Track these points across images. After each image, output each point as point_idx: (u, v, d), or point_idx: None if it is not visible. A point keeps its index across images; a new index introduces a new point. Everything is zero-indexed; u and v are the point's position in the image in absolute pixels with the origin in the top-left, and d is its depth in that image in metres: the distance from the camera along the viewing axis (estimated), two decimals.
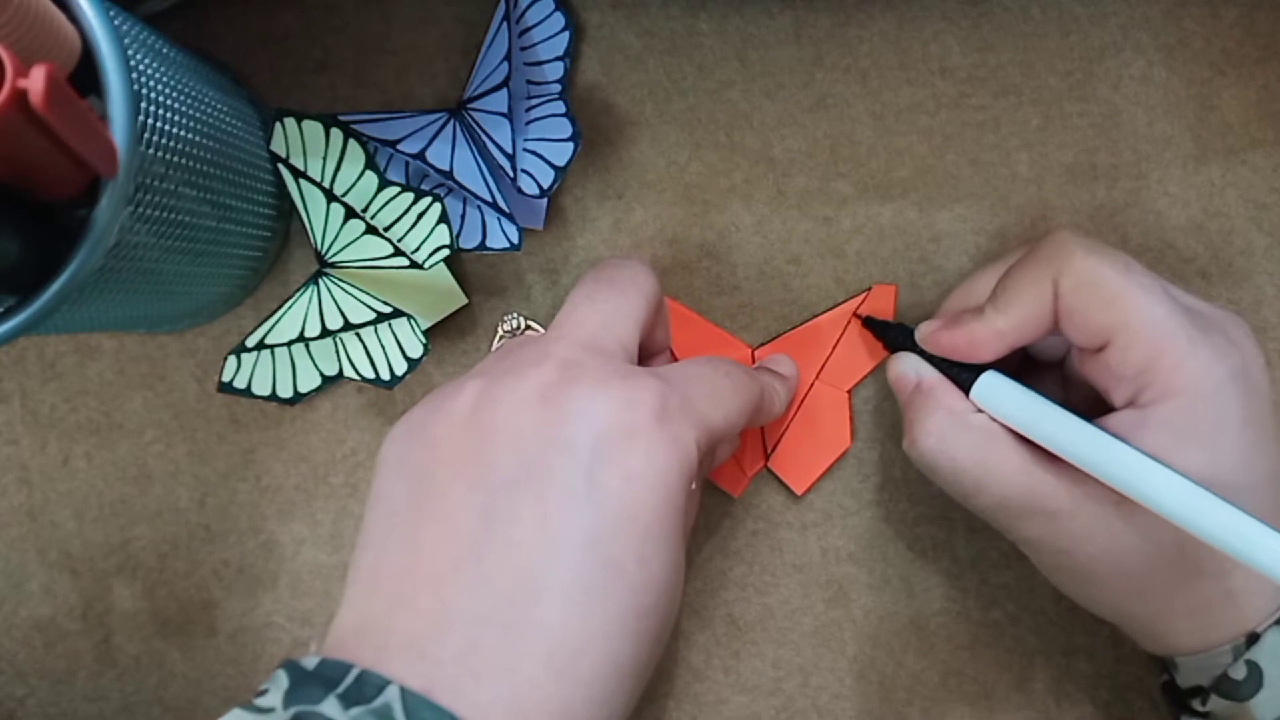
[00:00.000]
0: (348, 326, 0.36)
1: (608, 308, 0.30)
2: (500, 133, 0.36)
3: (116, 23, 0.27)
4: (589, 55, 0.38)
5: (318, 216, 0.36)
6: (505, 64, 0.36)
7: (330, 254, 0.36)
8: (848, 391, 0.37)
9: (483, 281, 0.38)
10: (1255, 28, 0.37)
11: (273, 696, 0.24)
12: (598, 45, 0.38)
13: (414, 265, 0.35)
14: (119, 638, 0.38)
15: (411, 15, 0.38)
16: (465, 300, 0.37)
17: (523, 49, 0.37)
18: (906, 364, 0.33)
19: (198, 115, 0.31)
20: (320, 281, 0.37)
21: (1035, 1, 0.37)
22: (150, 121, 0.28)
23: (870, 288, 0.37)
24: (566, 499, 0.25)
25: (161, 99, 0.29)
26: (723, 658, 0.37)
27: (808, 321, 0.37)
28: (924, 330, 0.33)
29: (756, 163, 0.37)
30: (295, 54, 0.38)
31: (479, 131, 0.36)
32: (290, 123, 0.36)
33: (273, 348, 0.37)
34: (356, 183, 0.36)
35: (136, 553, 0.38)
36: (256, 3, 0.38)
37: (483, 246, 0.36)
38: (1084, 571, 0.30)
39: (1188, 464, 0.27)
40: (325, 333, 0.36)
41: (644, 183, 0.38)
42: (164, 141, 0.28)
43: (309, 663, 0.24)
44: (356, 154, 0.36)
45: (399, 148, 0.36)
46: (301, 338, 0.37)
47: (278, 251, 0.38)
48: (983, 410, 0.31)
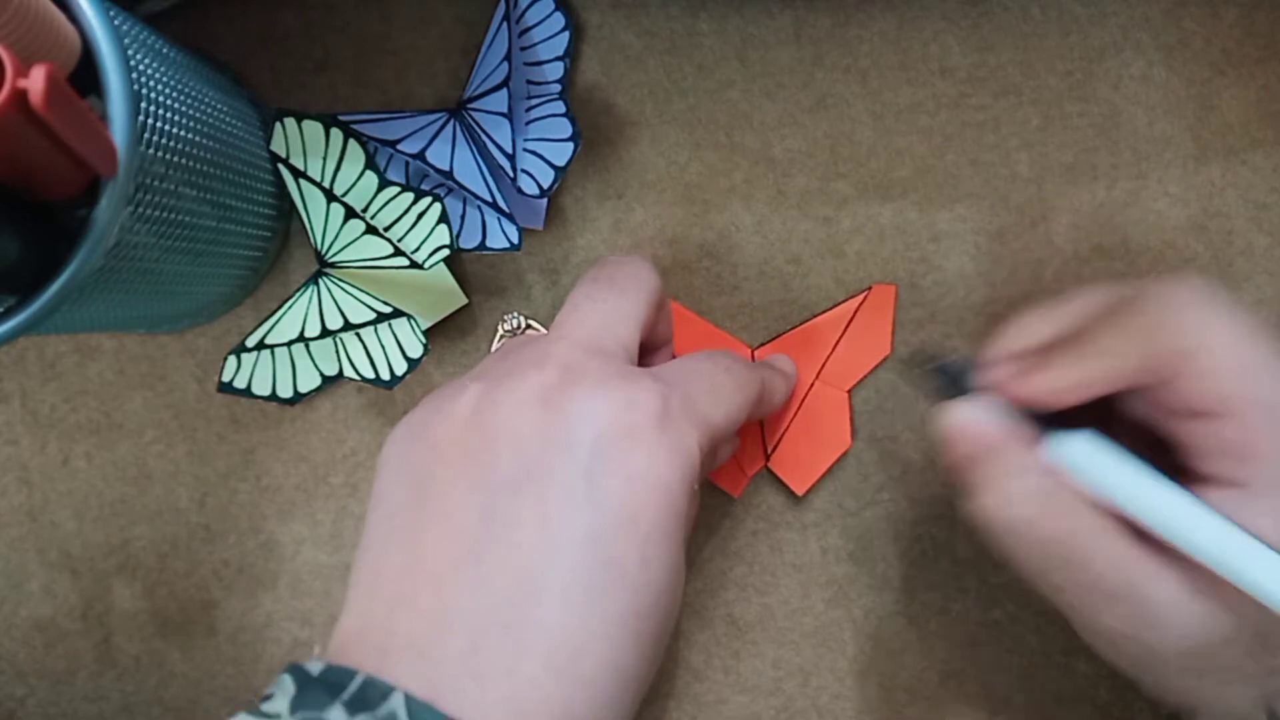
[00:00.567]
0: (348, 326, 0.36)
1: (608, 307, 0.30)
2: (500, 133, 0.36)
3: (116, 23, 0.27)
4: (589, 55, 0.38)
5: (318, 216, 0.36)
6: (505, 64, 0.36)
7: (330, 254, 0.36)
8: (848, 391, 0.37)
9: (483, 281, 0.38)
10: (1255, 28, 0.37)
11: (278, 702, 0.24)
12: (598, 45, 0.38)
13: (414, 265, 0.35)
14: (119, 638, 0.38)
15: (411, 15, 0.38)
16: (465, 300, 0.37)
17: (523, 49, 0.37)
18: (976, 412, 0.28)
19: (198, 115, 0.31)
20: (320, 281, 0.37)
21: (1035, 1, 0.37)
22: (150, 121, 0.28)
23: (870, 288, 0.37)
24: (567, 500, 0.25)
25: (161, 99, 0.29)
26: (723, 658, 0.37)
27: (807, 321, 0.37)
28: (997, 373, 0.28)
29: (756, 163, 0.37)
30: (295, 54, 0.38)
31: (479, 131, 0.36)
32: (290, 123, 0.36)
33: (273, 348, 0.37)
34: (356, 183, 0.36)
35: (136, 553, 0.38)
36: (256, 3, 0.38)
37: (483, 246, 0.36)
38: (1147, 652, 0.27)
39: None
40: (325, 333, 0.36)
41: (644, 183, 0.38)
42: (164, 141, 0.28)
43: (314, 668, 0.24)
44: (356, 154, 0.36)
45: (399, 148, 0.36)
46: (301, 338, 0.37)
47: (278, 251, 0.38)
48: (1073, 476, 0.27)
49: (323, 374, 0.37)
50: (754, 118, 0.37)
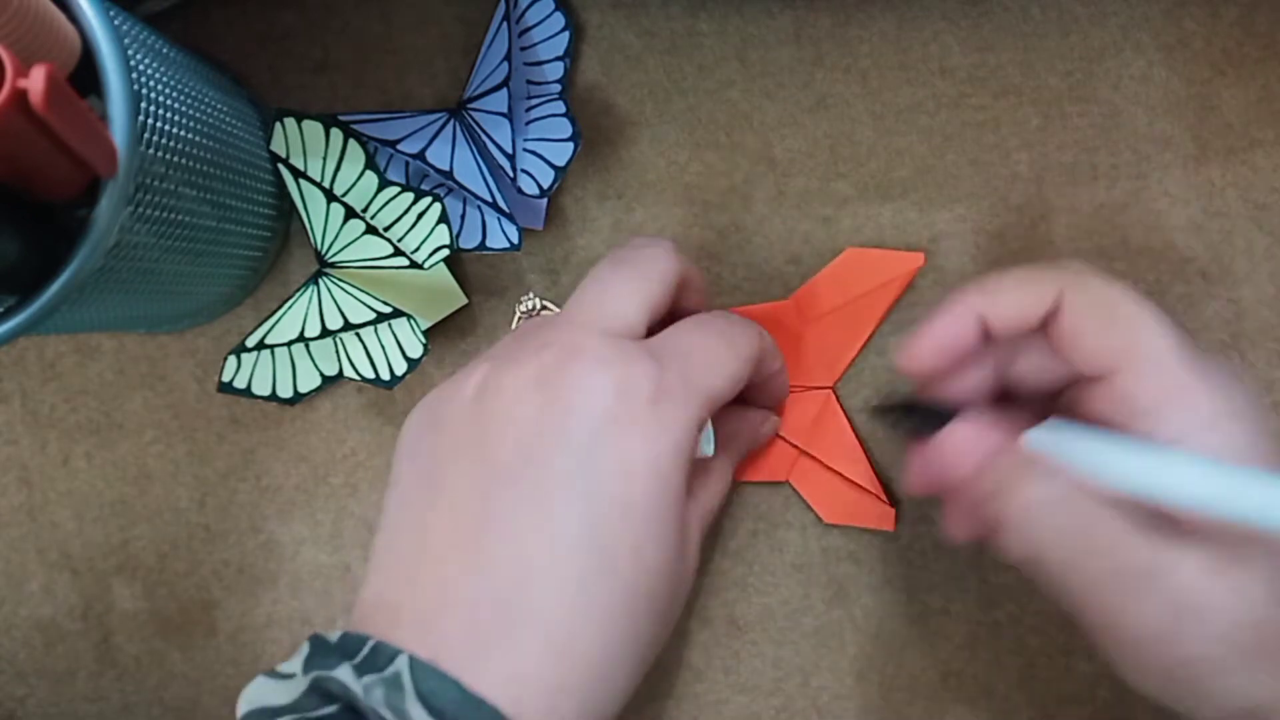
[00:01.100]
0: (348, 326, 0.36)
1: (616, 289, 0.30)
2: (500, 133, 0.36)
3: (116, 23, 0.27)
4: (589, 55, 0.38)
5: (318, 216, 0.36)
6: (505, 64, 0.36)
7: (330, 254, 0.36)
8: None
9: (483, 281, 0.38)
10: (1255, 28, 0.37)
11: (294, 664, 0.26)
12: (598, 45, 0.38)
13: (414, 265, 0.35)
14: (119, 638, 0.38)
15: (411, 15, 0.38)
16: (465, 300, 0.37)
17: (523, 49, 0.37)
18: (963, 434, 0.29)
19: (198, 115, 0.31)
20: (320, 281, 0.37)
21: (1035, 1, 0.37)
22: (150, 121, 0.28)
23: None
24: (561, 489, 0.26)
25: (161, 99, 0.29)
26: (723, 658, 0.37)
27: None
28: (903, 358, 0.29)
29: (756, 163, 0.37)
30: (295, 54, 0.38)
31: (479, 131, 0.36)
32: (290, 123, 0.36)
33: (273, 348, 0.37)
34: (356, 183, 0.36)
35: (136, 553, 0.38)
36: (256, 3, 0.38)
37: (483, 246, 0.36)
38: (1178, 650, 0.25)
39: None
40: (325, 333, 0.36)
41: (644, 183, 0.38)
42: (164, 141, 0.28)
43: (332, 636, 0.26)
44: (356, 154, 0.36)
45: (399, 148, 0.36)
46: (301, 338, 0.37)
47: (278, 251, 0.38)
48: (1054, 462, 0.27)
49: (323, 374, 0.37)
50: (754, 118, 0.37)
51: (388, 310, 0.36)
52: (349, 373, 0.36)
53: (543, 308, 0.37)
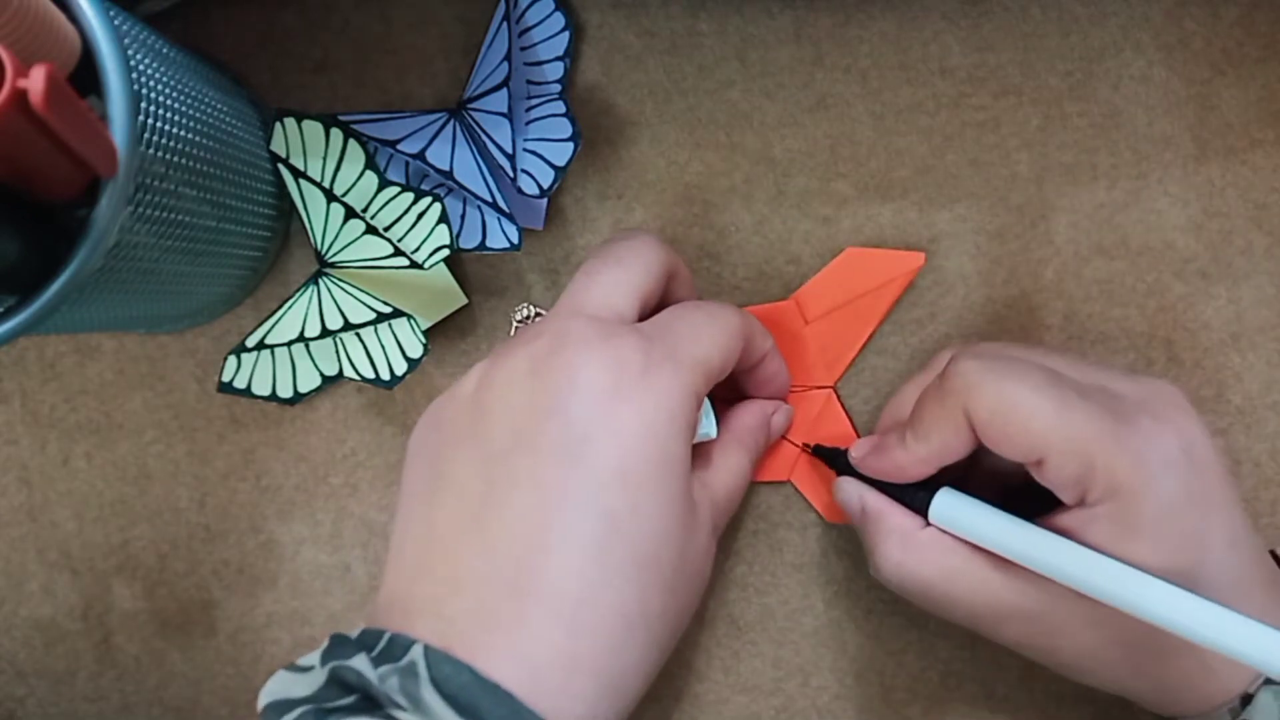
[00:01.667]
0: (348, 326, 0.36)
1: (604, 279, 0.31)
2: (500, 133, 0.36)
3: (116, 23, 0.27)
4: (589, 55, 0.38)
5: (318, 216, 0.36)
6: (505, 64, 0.36)
7: (330, 254, 0.36)
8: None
9: (483, 281, 0.38)
10: (1255, 28, 0.37)
11: (312, 657, 0.27)
12: (598, 45, 0.38)
13: (414, 265, 0.35)
14: (119, 638, 0.38)
15: (411, 15, 0.38)
16: (465, 300, 0.37)
17: (523, 49, 0.37)
18: (849, 490, 0.33)
19: (198, 115, 0.31)
20: (320, 281, 0.37)
21: (1035, 1, 0.37)
22: (150, 121, 0.28)
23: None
24: (559, 461, 0.27)
25: (161, 99, 0.29)
26: (723, 658, 0.37)
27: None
28: (855, 455, 0.33)
29: (756, 163, 0.37)
30: (295, 54, 0.38)
31: (479, 131, 0.36)
32: (290, 123, 0.36)
33: (273, 348, 0.37)
34: (356, 183, 0.36)
35: (136, 553, 0.38)
36: (256, 3, 0.38)
37: (483, 246, 0.36)
38: (1073, 661, 0.30)
39: (1136, 556, 0.27)
40: (325, 333, 0.36)
41: (644, 183, 0.38)
42: (164, 141, 0.28)
43: (351, 633, 0.27)
44: (356, 154, 0.36)
45: (399, 148, 0.36)
46: (301, 338, 0.37)
47: (278, 251, 0.38)
48: (942, 529, 0.30)
49: (323, 374, 0.37)
50: (754, 118, 0.37)
51: (388, 310, 0.36)
52: (349, 373, 0.36)
53: (537, 314, 0.37)
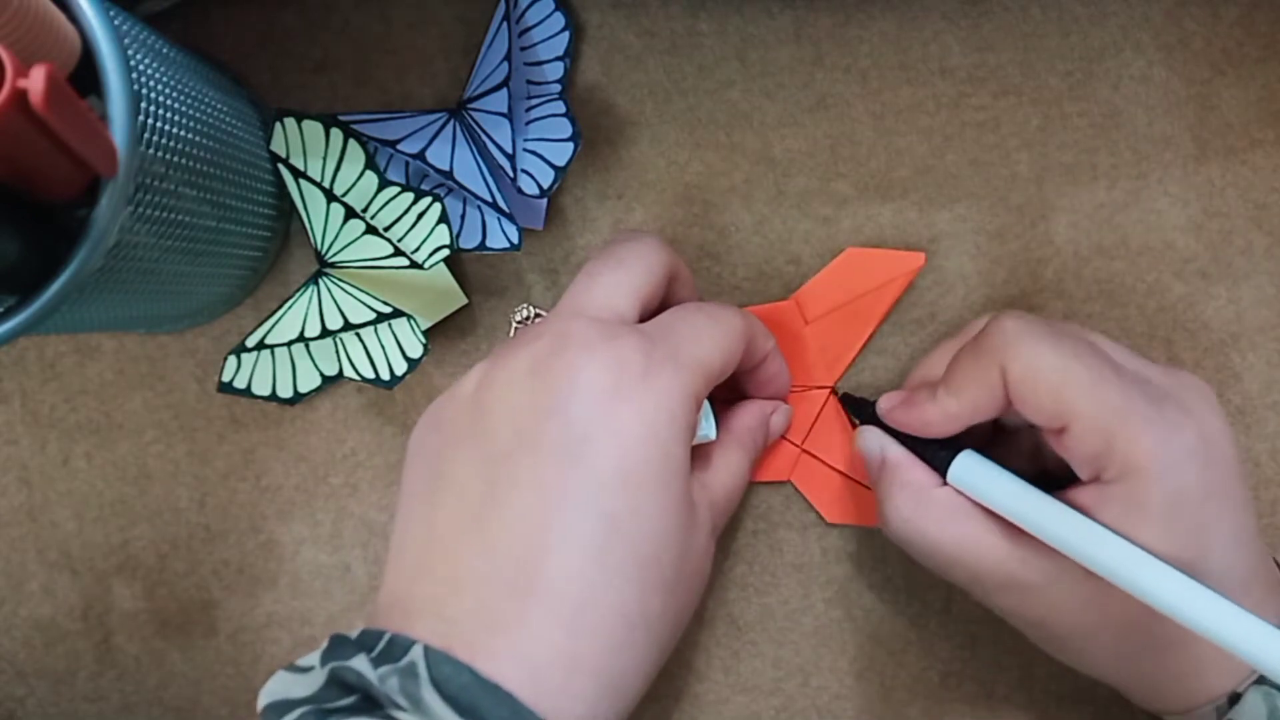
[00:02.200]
0: (348, 326, 0.36)
1: (605, 281, 0.31)
2: (500, 133, 0.36)
3: (116, 23, 0.27)
4: (589, 55, 0.38)
5: (318, 216, 0.36)
6: (505, 64, 0.36)
7: (330, 254, 0.36)
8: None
9: (483, 281, 0.38)
10: (1255, 28, 0.37)
11: (312, 658, 0.27)
12: (598, 45, 0.38)
13: (414, 265, 0.35)
14: (119, 638, 0.38)
15: (411, 15, 0.38)
16: (465, 300, 0.37)
17: (523, 49, 0.37)
18: (871, 440, 0.33)
19: (198, 115, 0.31)
20: (320, 281, 0.37)
21: (1035, 1, 0.37)
22: (150, 121, 0.28)
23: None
24: (560, 462, 0.27)
25: (161, 99, 0.29)
26: (723, 658, 0.37)
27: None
28: (883, 406, 0.33)
29: (756, 163, 0.37)
30: (295, 54, 0.38)
31: (479, 131, 0.36)
32: (290, 123, 0.36)
33: (273, 348, 0.37)
34: (356, 183, 0.36)
35: (136, 553, 0.38)
36: (256, 3, 0.38)
37: (483, 246, 0.36)
38: (1062, 640, 0.30)
39: (1143, 540, 0.27)
40: (325, 333, 0.36)
41: (644, 183, 0.38)
42: (164, 141, 0.28)
43: (351, 633, 0.27)
44: (356, 154, 0.36)
45: (399, 148, 0.36)
46: (301, 338, 0.37)
47: (278, 251, 0.38)
48: (958, 490, 0.31)
49: (323, 374, 0.37)
50: (754, 118, 0.37)
51: (388, 310, 0.36)
52: (349, 373, 0.36)
53: (537, 315, 0.37)
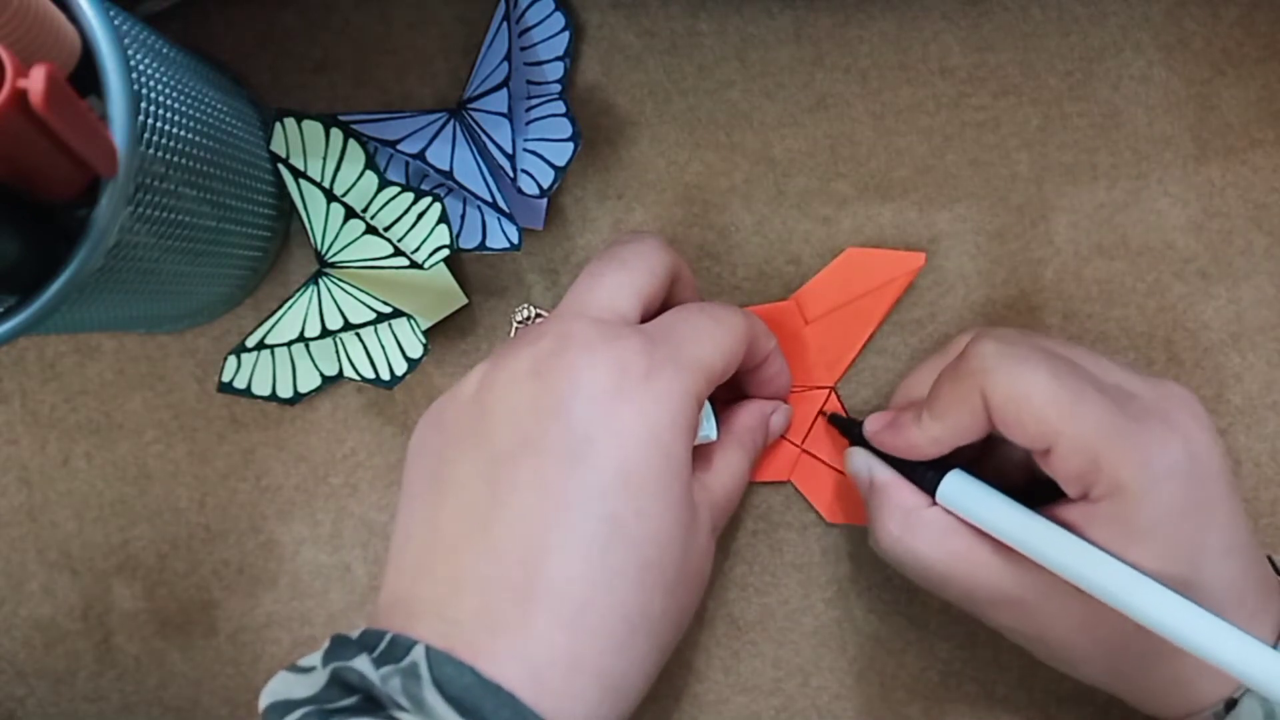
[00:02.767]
0: (348, 326, 0.36)
1: (608, 281, 0.31)
2: (500, 133, 0.36)
3: (116, 23, 0.27)
4: (589, 55, 0.38)
5: (318, 216, 0.36)
6: (505, 64, 0.36)
7: (330, 254, 0.36)
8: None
9: (483, 281, 0.38)
10: (1255, 28, 0.37)
11: (314, 658, 0.27)
12: (598, 45, 0.38)
13: (414, 265, 0.35)
14: (119, 638, 0.38)
15: (411, 15, 0.38)
16: (465, 300, 0.37)
17: (523, 49, 0.37)
18: (859, 462, 0.33)
19: (198, 115, 0.31)
20: (320, 281, 0.37)
21: (1035, 1, 0.37)
22: (150, 121, 0.28)
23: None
24: (562, 462, 0.27)
25: (161, 99, 0.29)
26: (723, 658, 0.37)
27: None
28: (870, 428, 0.33)
29: (756, 163, 0.37)
30: (295, 54, 0.38)
31: (479, 131, 0.36)
32: (290, 123, 0.36)
33: (273, 348, 0.37)
34: (356, 183, 0.36)
35: (136, 553, 0.38)
36: (256, 3, 0.38)
37: (483, 246, 0.36)
38: (1059, 652, 0.30)
39: (1133, 557, 0.27)
40: (325, 333, 0.36)
41: (644, 183, 0.38)
42: (164, 141, 0.28)
43: (352, 634, 0.27)
44: (356, 154, 0.36)
45: (399, 148, 0.36)
46: (301, 338, 0.37)
47: (278, 251, 0.38)
48: (948, 509, 0.31)
49: (323, 374, 0.37)
50: (754, 118, 0.37)
51: (388, 310, 0.36)
52: (349, 373, 0.36)
53: (538, 315, 0.37)
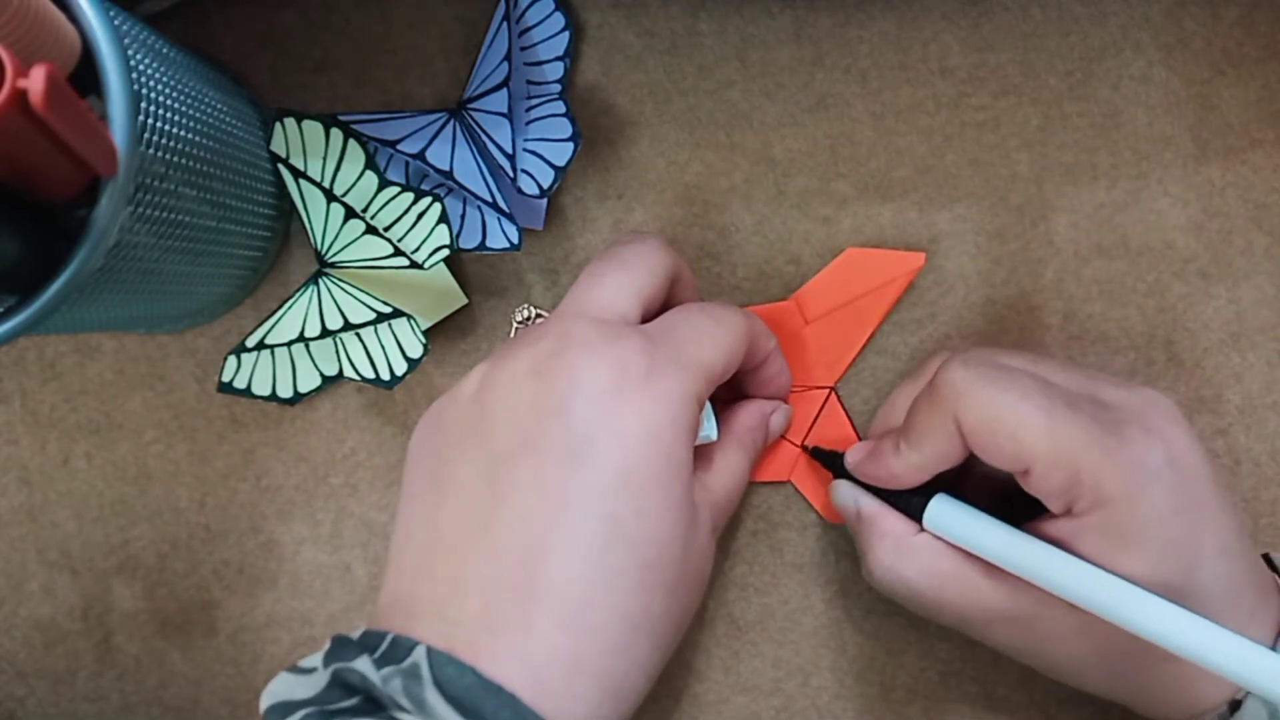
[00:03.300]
0: (348, 326, 0.36)
1: (608, 282, 0.31)
2: (500, 133, 0.36)
3: (116, 23, 0.27)
4: (589, 55, 0.38)
5: (318, 216, 0.36)
6: (505, 64, 0.36)
7: (330, 254, 0.36)
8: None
9: (483, 281, 0.38)
10: (1255, 28, 0.37)
11: (315, 659, 0.27)
12: (598, 45, 0.38)
13: (414, 265, 0.35)
14: (119, 638, 0.38)
15: (411, 15, 0.38)
16: (465, 300, 0.37)
17: (523, 49, 0.37)
18: (844, 494, 0.33)
19: (198, 115, 0.31)
20: (320, 281, 0.37)
21: (1035, 1, 0.37)
22: (150, 121, 0.28)
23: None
24: (562, 463, 0.27)
25: (161, 99, 0.29)
26: (723, 658, 0.37)
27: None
28: (851, 460, 0.33)
29: (756, 163, 0.37)
30: (295, 54, 0.38)
31: (479, 131, 0.36)
32: (290, 123, 0.36)
33: (273, 348, 0.37)
34: (356, 183, 0.36)
35: (136, 553, 0.38)
36: (256, 3, 0.38)
37: (483, 246, 0.36)
38: (1059, 664, 0.31)
39: (1125, 566, 0.27)
40: (325, 333, 0.36)
41: (644, 183, 0.38)
42: (164, 141, 0.28)
43: (353, 634, 0.27)
44: (356, 154, 0.36)
45: (399, 148, 0.36)
46: (301, 338, 0.37)
47: (278, 251, 0.38)
48: (936, 535, 0.31)
49: (323, 374, 0.37)
50: (754, 118, 0.37)
51: (388, 310, 0.36)
52: (349, 373, 0.36)
53: (538, 316, 0.37)
